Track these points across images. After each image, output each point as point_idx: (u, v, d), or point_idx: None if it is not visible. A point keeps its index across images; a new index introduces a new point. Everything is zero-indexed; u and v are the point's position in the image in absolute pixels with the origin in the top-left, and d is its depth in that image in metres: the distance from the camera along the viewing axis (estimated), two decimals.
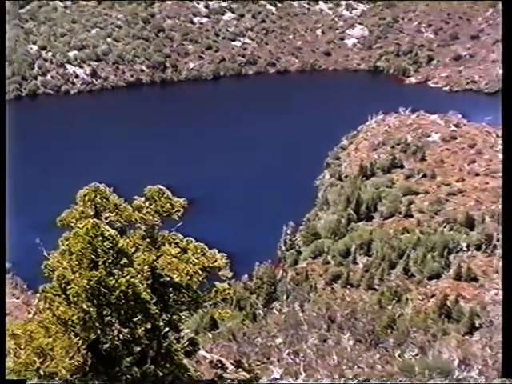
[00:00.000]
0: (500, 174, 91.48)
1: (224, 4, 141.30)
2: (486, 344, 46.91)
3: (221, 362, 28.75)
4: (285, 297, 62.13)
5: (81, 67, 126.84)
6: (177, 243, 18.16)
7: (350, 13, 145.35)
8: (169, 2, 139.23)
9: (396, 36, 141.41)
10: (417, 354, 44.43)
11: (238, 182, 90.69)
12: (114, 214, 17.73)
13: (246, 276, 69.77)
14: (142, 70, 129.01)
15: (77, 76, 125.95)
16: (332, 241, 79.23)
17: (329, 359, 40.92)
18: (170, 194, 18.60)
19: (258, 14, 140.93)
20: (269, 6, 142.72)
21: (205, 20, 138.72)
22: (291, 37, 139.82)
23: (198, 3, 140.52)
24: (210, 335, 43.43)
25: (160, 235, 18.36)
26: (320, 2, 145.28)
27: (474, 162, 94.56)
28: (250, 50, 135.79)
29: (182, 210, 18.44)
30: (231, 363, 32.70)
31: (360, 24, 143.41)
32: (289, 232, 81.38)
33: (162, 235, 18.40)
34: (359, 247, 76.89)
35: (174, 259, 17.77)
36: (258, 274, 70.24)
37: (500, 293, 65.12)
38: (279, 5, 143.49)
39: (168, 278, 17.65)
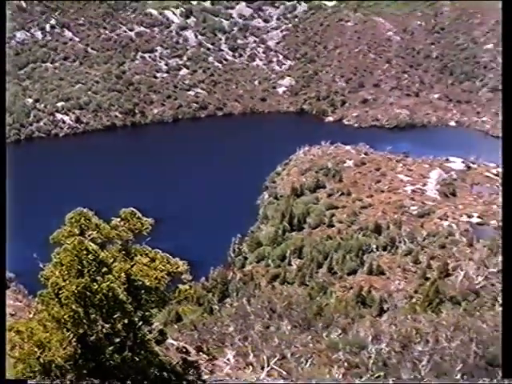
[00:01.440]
0: (400, 190, 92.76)
1: (180, 62, 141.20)
2: (391, 323, 47.29)
3: (185, 347, 28.56)
4: (235, 294, 61.96)
5: (67, 115, 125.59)
6: (147, 254, 18.06)
7: (280, 67, 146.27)
8: (136, 62, 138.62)
9: (317, 85, 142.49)
10: (340, 334, 44.58)
11: (195, 205, 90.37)
12: (96, 232, 17.58)
13: (204, 278, 69.47)
14: (116, 116, 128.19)
15: (64, 122, 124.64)
16: (271, 248, 79.23)
17: (271, 342, 40.86)
18: (140, 214, 18.50)
19: (208, 69, 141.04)
20: (216, 63, 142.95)
21: (165, 75, 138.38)
22: (234, 87, 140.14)
23: (160, 62, 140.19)
24: (176, 327, 43.08)
25: (133, 248, 18.24)
26: (257, 59, 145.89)
27: (380, 182, 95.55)
28: (202, 98, 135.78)
29: (150, 227, 18.36)
30: (194, 348, 32.52)
31: (288, 76, 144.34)
32: (237, 242, 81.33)
33: (135, 248, 18.28)
34: (293, 252, 76.97)
35: (144, 267, 17.65)
36: (213, 277, 69.97)
37: (402, 283, 65.83)
38: (224, 62, 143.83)
39: (140, 282, 17.51)
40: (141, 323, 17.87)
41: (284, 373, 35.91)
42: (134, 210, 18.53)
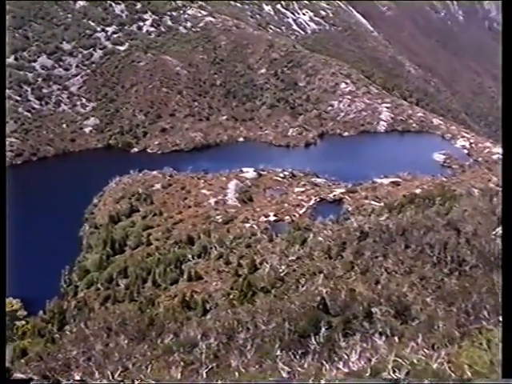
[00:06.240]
0: (205, 203, 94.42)
1: None
2: (215, 319, 48.30)
3: (31, 378, 27.59)
4: (72, 320, 59.92)
5: None
6: None
7: (85, 109, 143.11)
8: None
9: (119, 121, 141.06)
10: (172, 338, 44.83)
11: (24, 247, 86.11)
12: None
13: (42, 312, 66.49)
14: None
15: None
16: (99, 273, 77.59)
17: (112, 357, 40.36)
18: None
19: (18, 119, 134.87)
20: (25, 113, 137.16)
21: None
22: (45, 132, 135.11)
23: None
24: (23, 361, 41.15)
25: None
26: (62, 104, 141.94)
27: (186, 199, 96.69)
28: (16, 146, 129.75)
29: None
30: (40, 377, 31.40)
31: (93, 116, 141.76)
32: (67, 273, 78.86)
33: None
34: (119, 273, 75.78)
35: None
36: (50, 308, 67.25)
37: (219, 283, 67.10)
38: (33, 111, 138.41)
39: None
40: None
41: (128, 382, 35.61)
42: None
